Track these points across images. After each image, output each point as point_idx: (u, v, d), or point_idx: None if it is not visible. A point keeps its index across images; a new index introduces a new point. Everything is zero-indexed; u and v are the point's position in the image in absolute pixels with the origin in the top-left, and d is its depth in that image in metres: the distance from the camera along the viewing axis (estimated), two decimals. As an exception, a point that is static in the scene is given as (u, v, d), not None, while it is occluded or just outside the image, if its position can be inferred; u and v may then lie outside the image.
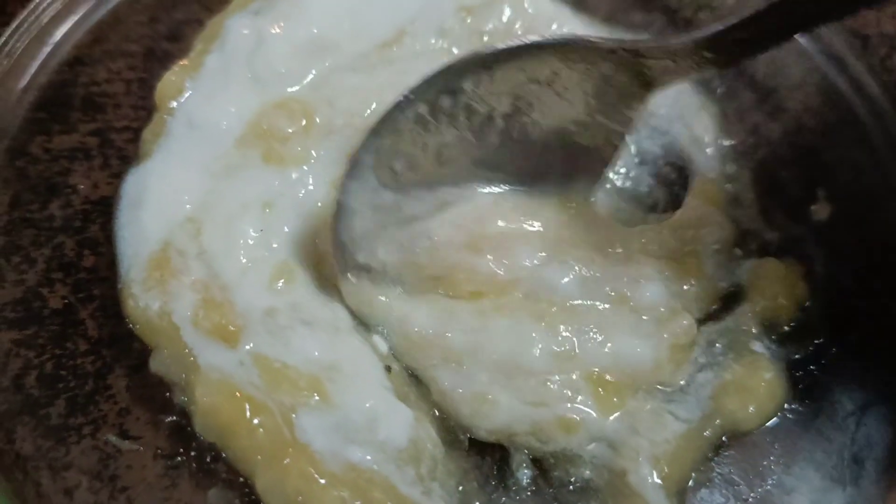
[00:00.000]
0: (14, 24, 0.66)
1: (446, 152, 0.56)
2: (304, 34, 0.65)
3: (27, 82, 0.66)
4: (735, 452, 0.54)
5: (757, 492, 0.52)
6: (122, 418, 0.53)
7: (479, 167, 0.58)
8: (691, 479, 0.52)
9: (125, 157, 0.64)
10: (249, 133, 0.61)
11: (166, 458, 0.52)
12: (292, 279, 0.56)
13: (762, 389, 0.54)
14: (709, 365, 0.55)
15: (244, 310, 0.54)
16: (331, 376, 0.52)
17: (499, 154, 0.58)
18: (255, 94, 0.63)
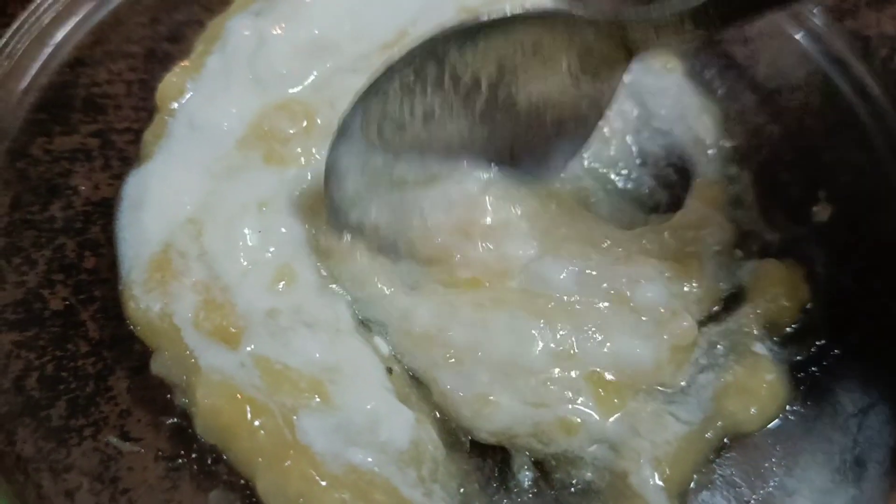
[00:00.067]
0: (15, 26, 0.66)
1: (433, 119, 0.57)
2: (305, 35, 0.65)
3: (28, 83, 0.65)
4: (736, 454, 0.53)
5: (758, 493, 0.52)
6: (123, 420, 0.53)
7: (465, 146, 0.59)
8: (693, 480, 0.52)
9: (126, 158, 0.64)
10: (250, 134, 0.61)
11: (167, 459, 0.52)
12: (293, 280, 0.56)
13: (764, 391, 0.54)
14: (710, 366, 0.55)
15: (245, 311, 0.54)
16: (332, 378, 0.52)
17: (484, 127, 0.58)
18: (257, 95, 0.63)
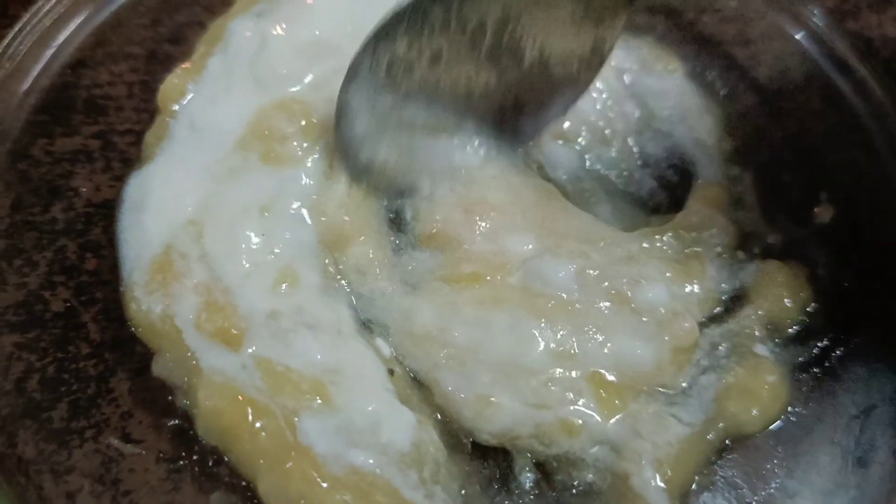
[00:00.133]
0: (16, 27, 0.65)
1: (440, 62, 0.57)
2: (305, 36, 0.65)
3: (29, 85, 0.65)
4: (738, 456, 0.53)
5: (760, 495, 0.52)
6: (125, 422, 0.53)
7: (471, 95, 0.60)
8: (694, 482, 0.52)
9: (127, 159, 0.64)
10: (249, 134, 0.61)
11: (169, 461, 0.52)
12: (296, 282, 0.56)
13: (765, 392, 0.54)
14: (712, 367, 0.55)
15: (247, 313, 0.54)
16: (333, 379, 0.52)
17: (489, 72, 0.59)
18: (257, 96, 0.63)
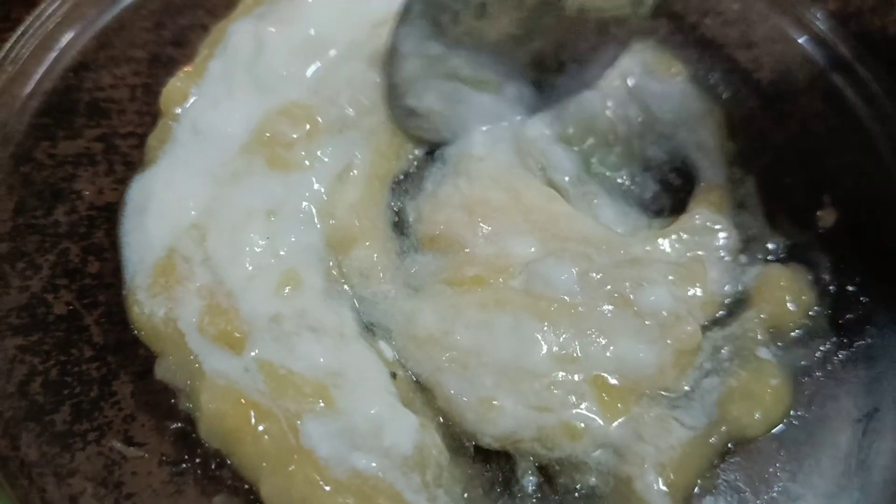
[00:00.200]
0: (19, 31, 0.66)
1: (486, 13, 0.59)
2: (301, 34, 0.65)
3: (32, 88, 0.65)
4: (741, 459, 0.53)
5: (763, 499, 0.52)
6: (128, 425, 0.53)
7: (514, 48, 0.62)
8: (697, 485, 0.52)
9: (130, 162, 0.64)
10: (254, 140, 0.61)
11: (171, 464, 0.52)
12: (299, 286, 0.56)
13: (768, 396, 0.54)
14: (714, 371, 0.55)
15: (249, 316, 0.54)
16: (336, 382, 0.52)
17: (533, 24, 0.61)
18: (258, 99, 0.63)
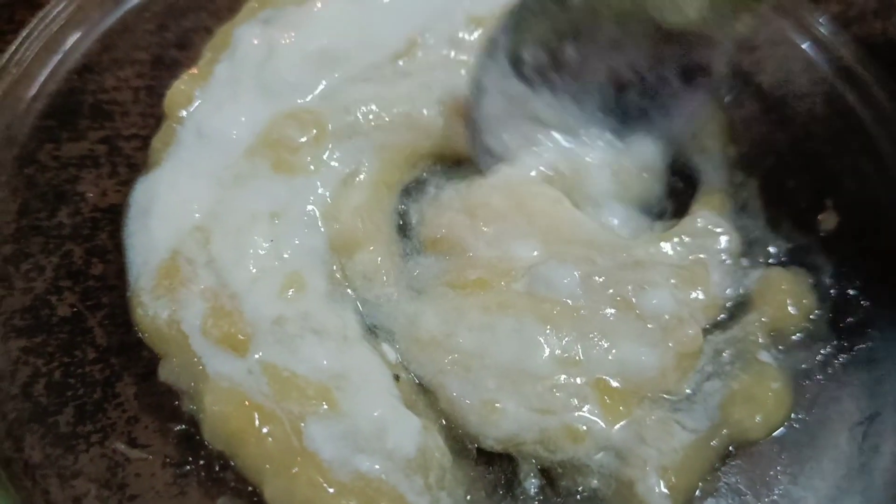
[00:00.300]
0: (23, 33, 0.66)
1: (571, 49, 0.58)
2: (314, 45, 0.65)
3: (36, 90, 0.65)
4: (742, 462, 0.53)
5: (764, 502, 0.52)
6: (131, 426, 0.53)
7: (595, 94, 0.61)
8: (698, 488, 0.52)
9: (133, 164, 0.64)
10: (259, 143, 0.62)
11: (175, 466, 0.52)
12: (302, 288, 0.56)
13: (769, 399, 0.54)
14: (716, 374, 0.55)
15: (253, 318, 0.54)
16: (339, 385, 0.53)
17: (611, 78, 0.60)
18: (265, 104, 0.63)
